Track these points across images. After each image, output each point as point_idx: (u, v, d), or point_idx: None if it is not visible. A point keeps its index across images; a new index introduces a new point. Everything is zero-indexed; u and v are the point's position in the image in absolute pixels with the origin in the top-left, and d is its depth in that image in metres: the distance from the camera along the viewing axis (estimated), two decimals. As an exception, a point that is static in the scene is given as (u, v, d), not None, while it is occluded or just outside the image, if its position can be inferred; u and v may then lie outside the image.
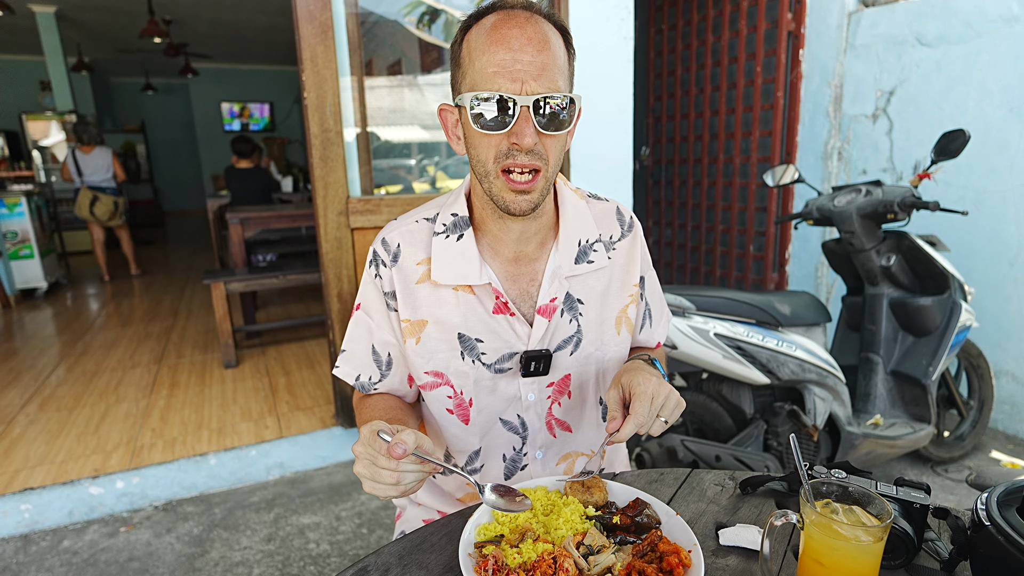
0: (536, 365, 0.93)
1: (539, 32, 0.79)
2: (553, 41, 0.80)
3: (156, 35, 6.34)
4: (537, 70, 0.77)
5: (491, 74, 0.77)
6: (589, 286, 0.96)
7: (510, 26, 0.78)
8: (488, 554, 0.69)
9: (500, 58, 0.77)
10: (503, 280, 0.93)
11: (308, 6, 2.19)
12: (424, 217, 0.95)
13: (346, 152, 2.37)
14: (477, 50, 0.79)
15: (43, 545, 2.13)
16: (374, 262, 0.94)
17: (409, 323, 0.93)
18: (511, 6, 0.81)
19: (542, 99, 0.78)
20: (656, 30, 4.36)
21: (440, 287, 0.91)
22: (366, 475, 0.69)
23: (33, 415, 2.93)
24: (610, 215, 1.00)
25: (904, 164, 3.03)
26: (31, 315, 4.87)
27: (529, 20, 0.79)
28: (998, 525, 0.63)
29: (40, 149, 7.88)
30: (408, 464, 0.69)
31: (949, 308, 2.21)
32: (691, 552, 0.69)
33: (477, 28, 0.81)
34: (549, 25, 0.82)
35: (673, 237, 4.54)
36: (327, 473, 2.57)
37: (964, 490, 2.35)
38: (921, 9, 2.87)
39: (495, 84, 0.77)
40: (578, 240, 0.95)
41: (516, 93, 0.77)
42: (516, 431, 0.98)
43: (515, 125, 0.78)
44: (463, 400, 0.95)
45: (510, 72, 0.77)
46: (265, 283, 3.60)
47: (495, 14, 0.80)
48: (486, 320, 0.92)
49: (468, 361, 0.92)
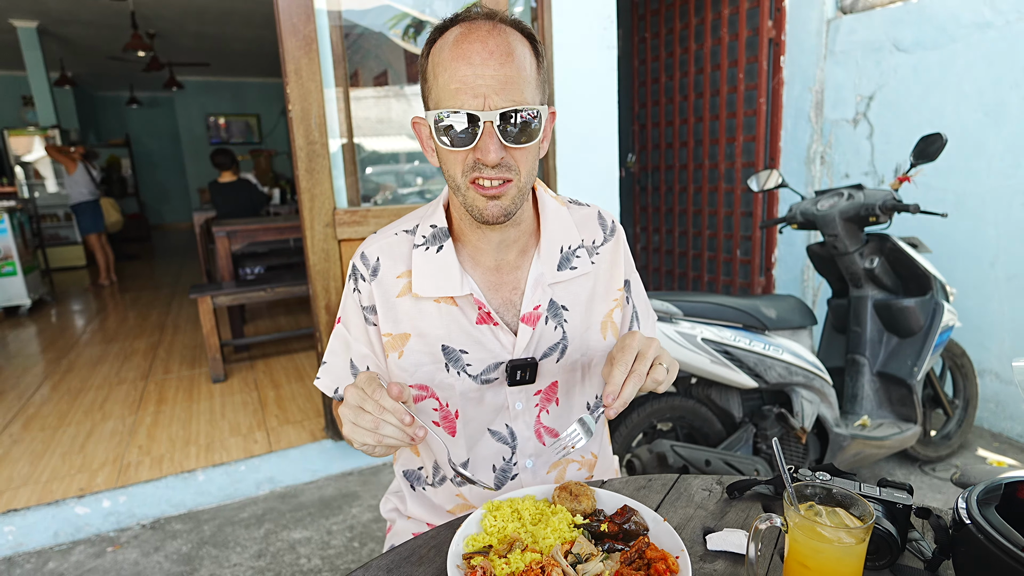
0: (522, 374, 0.92)
1: (502, 44, 0.77)
2: (518, 51, 0.78)
3: (140, 49, 6.32)
4: (500, 84, 0.76)
5: (454, 90, 0.76)
6: (573, 292, 0.96)
7: (472, 40, 0.77)
8: (476, 565, 0.69)
9: (462, 74, 0.76)
10: (485, 290, 0.92)
11: (292, 19, 2.20)
12: (404, 229, 0.94)
13: (332, 163, 2.37)
14: (440, 65, 0.78)
15: (27, 568, 2.09)
16: (353, 276, 0.94)
17: (391, 337, 0.93)
18: (473, 18, 0.80)
19: (507, 113, 0.77)
20: (640, 38, 4.41)
21: (421, 299, 0.91)
22: (349, 416, 0.72)
23: (17, 435, 2.88)
24: (592, 220, 1.00)
25: (885, 167, 3.08)
26: (14, 333, 4.80)
27: (492, 32, 0.77)
28: (978, 524, 0.64)
29: (23, 165, 7.80)
30: (390, 416, 0.71)
31: (932, 309, 2.24)
32: (679, 558, 0.69)
33: (440, 42, 0.80)
34: (515, 33, 0.80)
35: (660, 243, 4.57)
36: (318, 487, 2.55)
37: (952, 489, 2.37)
38: (897, 16, 2.93)
39: (458, 101, 0.76)
40: (560, 246, 0.94)
41: (479, 109, 0.76)
42: (505, 441, 0.98)
43: (479, 141, 0.78)
44: (449, 412, 0.95)
45: (472, 88, 0.76)
46: (253, 296, 3.57)
47: (458, 27, 0.79)
48: (469, 331, 0.91)
49: (453, 373, 0.92)
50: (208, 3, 6.28)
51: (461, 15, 0.81)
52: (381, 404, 0.71)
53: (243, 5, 6.38)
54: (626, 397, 0.76)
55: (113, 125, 11.49)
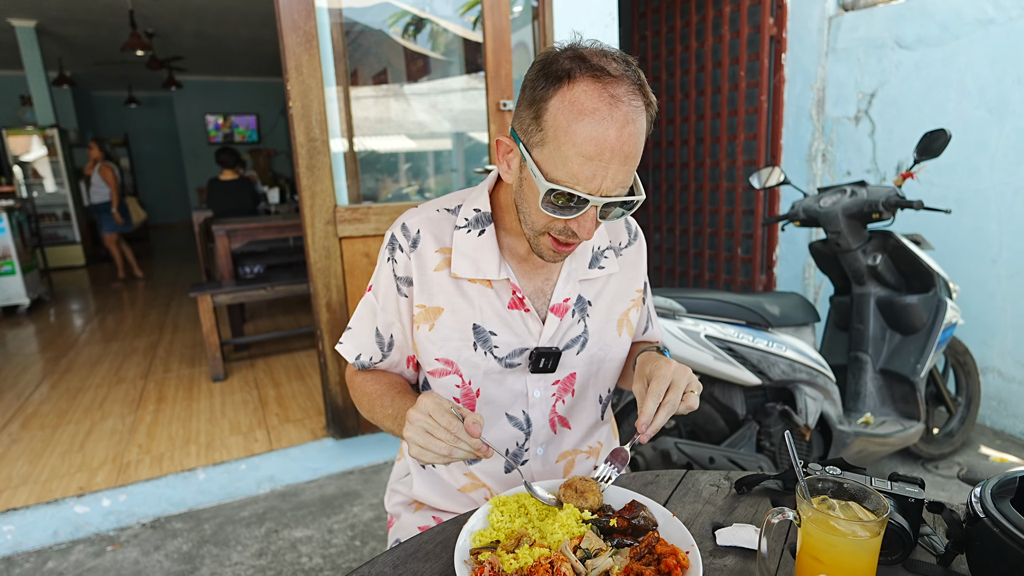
0: (545, 362, 0.95)
1: (635, 136, 0.74)
2: (642, 138, 0.76)
3: (138, 48, 6.30)
4: (620, 180, 0.76)
5: (574, 172, 0.75)
6: (598, 289, 1.00)
7: (609, 125, 0.72)
8: (484, 560, 0.68)
9: (588, 166, 0.74)
10: (519, 276, 0.96)
11: (292, 16, 2.19)
12: (445, 208, 0.96)
13: (333, 161, 2.36)
14: (566, 134, 0.74)
15: (27, 567, 2.08)
16: (390, 246, 0.95)
17: (424, 309, 0.95)
18: (610, 75, 0.73)
19: (614, 203, 0.78)
20: (640, 36, 4.41)
21: (458, 278, 0.94)
22: (418, 441, 0.74)
23: (15, 434, 2.86)
24: (619, 223, 1.05)
25: (887, 165, 3.08)
26: (13, 332, 4.78)
27: (630, 118, 0.73)
28: (993, 517, 0.63)
29: (21, 164, 7.78)
30: (463, 444, 0.74)
31: (935, 306, 2.23)
32: (689, 553, 0.69)
33: (571, 101, 0.73)
34: (643, 108, 0.76)
35: (662, 241, 4.57)
36: (319, 485, 2.54)
37: (955, 486, 2.37)
38: (899, 13, 2.92)
39: (576, 180, 0.75)
40: (592, 247, 0.99)
41: (593, 193, 0.76)
42: (520, 427, 1.00)
43: (580, 218, 0.79)
44: (470, 390, 0.97)
45: (592, 176, 0.75)
46: (253, 295, 3.56)
47: (595, 91, 0.73)
48: (501, 314, 0.94)
49: (480, 352, 0.95)
50: (207, 2, 6.26)
51: (589, 56, 0.75)
52: (458, 437, 0.74)
53: (241, 4, 6.35)
54: (658, 425, 0.80)
55: (112, 124, 11.47)
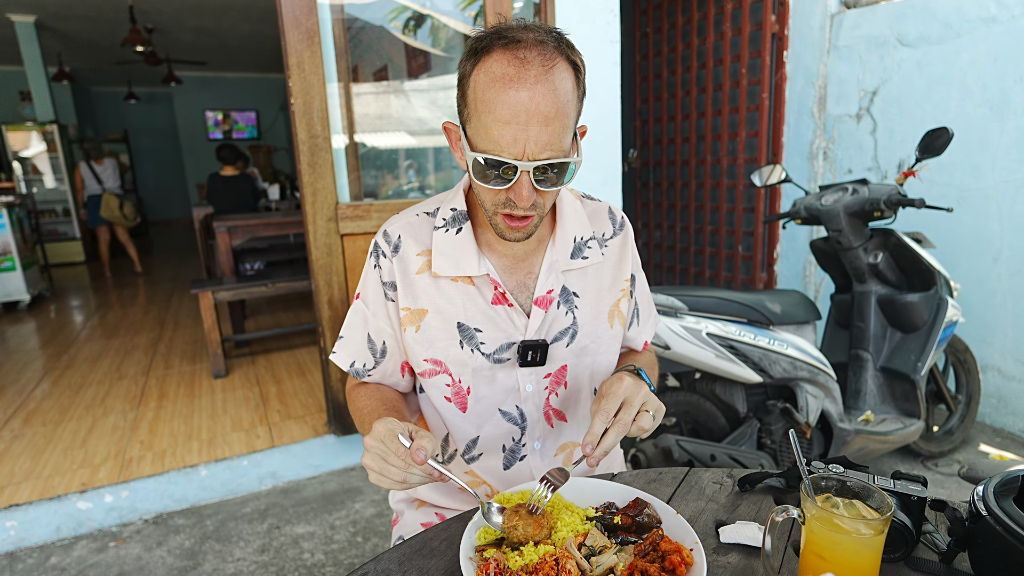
0: (533, 355, 0.95)
1: (549, 94, 0.75)
2: (563, 97, 0.76)
3: (138, 44, 6.28)
4: (544, 142, 0.76)
5: (495, 137, 0.77)
6: (584, 281, 1.00)
7: (519, 87, 0.74)
8: (489, 557, 0.68)
9: (507, 130, 0.76)
10: (501, 272, 0.96)
11: (294, 12, 2.18)
12: (424, 212, 0.99)
13: (334, 158, 2.36)
14: (483, 103, 0.77)
15: (29, 563, 2.08)
16: (375, 253, 0.98)
17: (409, 311, 0.96)
18: (520, 41, 0.76)
19: (544, 165, 0.78)
20: (642, 33, 4.40)
21: (440, 278, 0.95)
22: (374, 468, 0.73)
23: (18, 430, 2.87)
24: (602, 214, 1.05)
25: (888, 163, 3.07)
26: (13, 328, 4.78)
27: (541, 78, 0.75)
28: (996, 515, 0.64)
29: (21, 160, 7.77)
30: (417, 468, 0.73)
31: (936, 304, 2.24)
32: (693, 550, 0.69)
33: (485, 71, 0.77)
34: (562, 66, 0.77)
35: (663, 239, 4.57)
36: (320, 482, 2.55)
37: (955, 484, 2.37)
38: (901, 10, 2.92)
39: (498, 147, 0.77)
40: (573, 236, 0.99)
41: (518, 158, 0.77)
42: (515, 422, 1.01)
43: (514, 185, 0.80)
44: (461, 388, 0.98)
45: (513, 140, 0.76)
46: (254, 292, 3.56)
47: (504, 53, 0.76)
48: (485, 310, 0.95)
49: (467, 350, 0.95)
50: (207, -3, 6.25)
51: (504, 30, 0.77)
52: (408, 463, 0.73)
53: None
54: (607, 446, 0.77)
55: (111, 120, 11.43)
